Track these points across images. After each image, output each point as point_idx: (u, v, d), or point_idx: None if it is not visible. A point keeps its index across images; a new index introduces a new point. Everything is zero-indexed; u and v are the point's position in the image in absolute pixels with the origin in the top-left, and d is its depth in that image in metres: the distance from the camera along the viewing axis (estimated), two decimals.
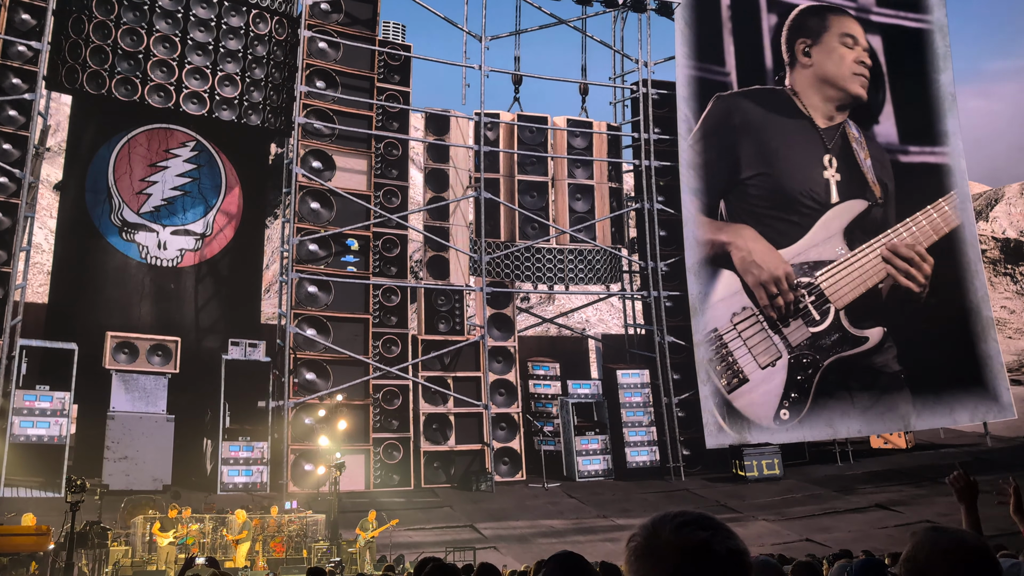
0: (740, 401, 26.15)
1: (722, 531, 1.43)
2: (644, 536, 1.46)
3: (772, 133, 28.78)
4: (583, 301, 38.70)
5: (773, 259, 27.48)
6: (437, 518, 20.24)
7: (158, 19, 22.94)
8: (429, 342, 24.89)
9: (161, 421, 20.79)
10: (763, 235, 27.65)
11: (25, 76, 20.70)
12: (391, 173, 25.56)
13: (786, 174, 28.60)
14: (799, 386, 26.85)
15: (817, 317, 27.57)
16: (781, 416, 26.35)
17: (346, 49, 24.57)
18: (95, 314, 22.40)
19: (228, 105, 23.84)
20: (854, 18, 30.87)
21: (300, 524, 16.96)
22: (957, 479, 3.43)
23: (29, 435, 19.32)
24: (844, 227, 28.82)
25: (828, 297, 27.89)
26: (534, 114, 28.12)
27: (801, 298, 27.50)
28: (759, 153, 28.32)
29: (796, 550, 15.65)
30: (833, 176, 29.08)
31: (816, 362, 27.16)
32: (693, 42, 28.17)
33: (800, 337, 27.22)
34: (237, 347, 22.28)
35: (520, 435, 25.26)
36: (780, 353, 26.86)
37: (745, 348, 26.53)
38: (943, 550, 1.88)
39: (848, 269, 28.45)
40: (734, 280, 27.05)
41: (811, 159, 29.05)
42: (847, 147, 29.64)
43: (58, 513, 15.36)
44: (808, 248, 28.14)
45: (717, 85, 28.26)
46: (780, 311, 27.15)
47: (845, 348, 27.67)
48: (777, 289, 27.19)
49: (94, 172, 23.19)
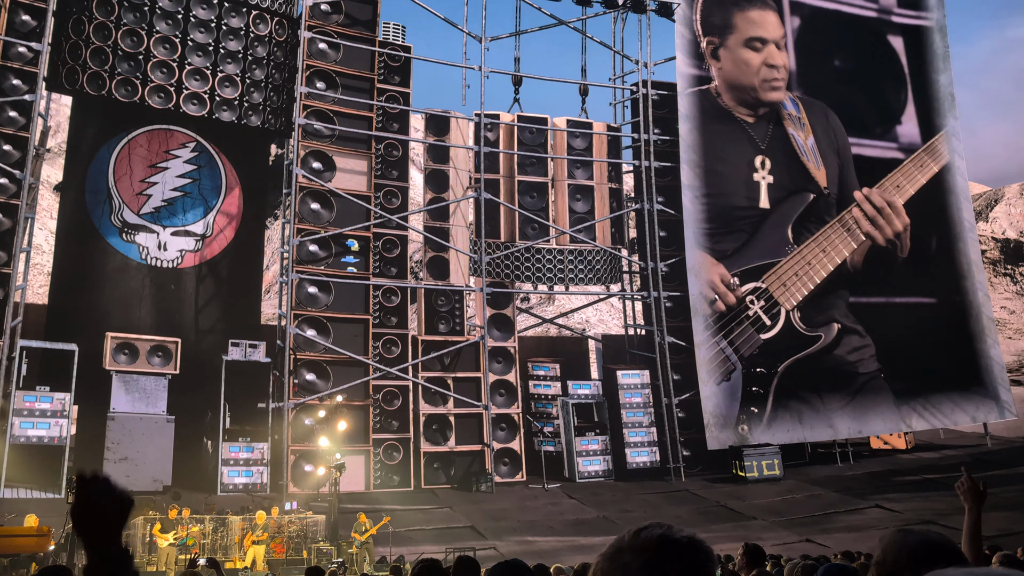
0: (708, 403, 25.87)
1: (675, 527, 1.52)
2: (607, 558, 1.53)
3: (707, 143, 27.40)
4: (583, 301, 38.71)
5: (706, 264, 26.78)
6: (437, 519, 20.24)
7: (158, 20, 22.96)
8: (429, 343, 24.90)
9: (161, 422, 20.80)
10: (712, 254, 26.86)
11: (25, 77, 20.71)
12: (391, 174, 25.57)
13: (725, 191, 27.48)
14: (756, 398, 26.32)
15: (768, 323, 26.89)
16: (740, 431, 25.94)
17: (346, 50, 24.59)
18: (95, 315, 22.41)
19: (228, 106, 23.86)
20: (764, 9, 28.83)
21: (300, 525, 16.97)
22: (964, 484, 3.47)
23: (29, 436, 19.33)
24: (790, 227, 27.88)
25: (776, 299, 27.14)
26: (534, 115, 28.13)
27: (751, 304, 26.79)
28: (698, 173, 27.09)
29: (796, 551, 15.66)
30: (765, 179, 27.89)
31: (771, 370, 26.50)
32: (693, 42, 28.17)
33: (752, 347, 26.55)
34: (237, 348, 22.29)
35: (520, 436, 25.27)
36: (734, 367, 26.30)
37: (704, 361, 26.07)
38: (910, 550, 1.93)
39: (794, 265, 27.61)
40: (693, 281, 26.51)
41: (745, 166, 27.83)
42: (782, 136, 28.32)
43: (58, 514, 15.38)
44: (753, 255, 27.28)
45: (707, 92, 28.14)
46: (723, 315, 26.51)
47: (798, 350, 27.05)
48: (715, 292, 26.56)
49: (94, 173, 23.20)
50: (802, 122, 28.78)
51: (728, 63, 28.10)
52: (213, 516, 16.67)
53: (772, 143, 28.36)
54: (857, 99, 30.32)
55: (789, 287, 27.37)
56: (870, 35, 31.19)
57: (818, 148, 28.96)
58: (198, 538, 15.72)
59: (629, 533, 1.53)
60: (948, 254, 30.46)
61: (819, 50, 30.21)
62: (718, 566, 6.56)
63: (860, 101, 30.41)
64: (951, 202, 31.01)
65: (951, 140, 31.52)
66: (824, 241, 28.22)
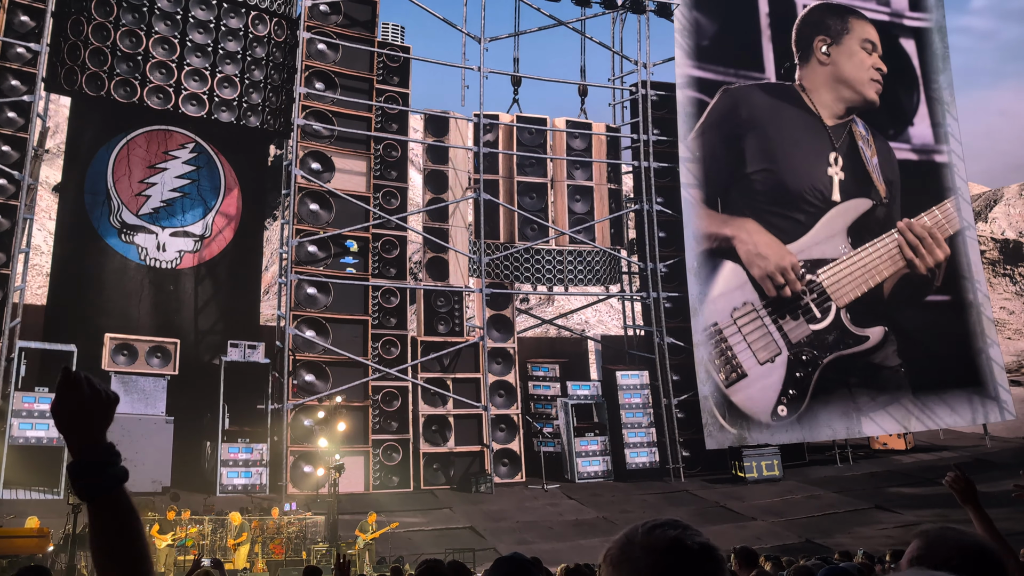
0: (738, 396, 26.14)
1: (691, 529, 1.49)
2: (618, 547, 1.52)
3: (778, 128, 28.79)
4: (582, 302, 38.72)
5: (778, 250, 27.56)
6: (436, 519, 20.23)
7: (157, 21, 22.94)
8: (428, 343, 24.89)
9: (160, 423, 20.77)
10: (770, 232, 27.72)
11: (24, 78, 20.69)
12: (390, 174, 25.56)
13: (791, 171, 28.60)
14: (798, 383, 26.84)
15: (818, 315, 27.58)
16: (779, 412, 26.35)
17: (345, 51, 24.58)
18: (94, 316, 22.39)
19: (227, 107, 23.84)
20: (871, 23, 30.93)
21: (299, 526, 16.95)
22: (955, 481, 3.42)
23: (28, 437, 19.30)
24: (848, 225, 28.85)
25: (830, 295, 27.89)
26: (533, 115, 28.12)
27: (803, 294, 27.48)
28: (764, 148, 28.34)
29: (795, 551, 15.64)
30: (837, 174, 29.07)
31: (815, 359, 27.16)
32: (692, 42, 28.20)
33: (800, 334, 27.23)
34: (236, 349, 22.27)
35: (519, 436, 25.26)
36: (780, 349, 26.87)
37: (745, 343, 26.56)
38: (959, 548, 1.86)
39: (850, 267, 28.44)
40: (734, 275, 27.00)
41: (817, 156, 29.06)
42: (853, 145, 29.67)
43: (57, 515, 15.35)
44: (811, 246, 28.17)
45: (716, 84, 28.27)
46: (786, 301, 27.19)
47: (845, 346, 27.66)
48: (784, 279, 27.27)
49: (93, 174, 23.18)
50: (869, 143, 30.03)
51: (841, 59, 29.97)
52: (212, 517, 16.65)
53: (844, 147, 29.51)
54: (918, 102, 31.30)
55: (844, 286, 28.18)
56: (883, 38, 31.64)
57: (879, 169, 30.10)
58: (196, 539, 15.70)
59: (644, 527, 1.51)
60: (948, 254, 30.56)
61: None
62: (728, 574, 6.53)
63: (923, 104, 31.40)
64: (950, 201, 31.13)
65: (949, 140, 31.59)
66: (882, 249, 29.18)
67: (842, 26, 30.43)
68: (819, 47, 29.75)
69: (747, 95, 28.47)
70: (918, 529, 2.02)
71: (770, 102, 28.76)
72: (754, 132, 28.36)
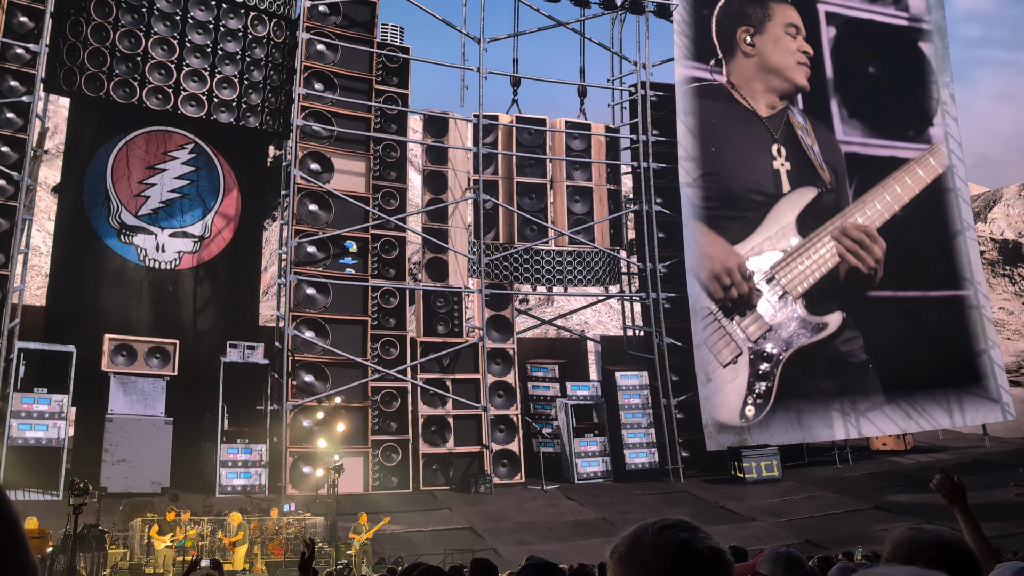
0: (708, 402, 26.08)
1: (701, 532, 1.51)
2: (627, 544, 1.53)
3: (718, 130, 28.36)
4: (582, 303, 38.72)
5: (723, 251, 27.36)
6: (436, 520, 20.22)
7: (156, 21, 22.93)
8: (428, 344, 24.88)
9: (159, 423, 20.76)
10: (717, 234, 27.50)
11: (23, 79, 20.68)
12: (389, 175, 25.56)
13: (734, 171, 28.27)
14: (762, 379, 26.77)
15: (774, 308, 27.51)
16: (747, 414, 26.26)
17: (344, 51, 24.58)
18: (93, 316, 22.37)
19: (226, 107, 23.83)
20: (791, 5, 30.33)
21: (299, 527, 16.93)
22: (941, 483, 3.44)
23: (27, 438, 19.28)
24: (796, 216, 28.68)
25: (784, 287, 27.76)
26: (532, 116, 28.13)
27: (758, 290, 27.38)
28: (706, 153, 27.93)
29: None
30: (783, 165, 28.85)
31: (777, 355, 27.04)
32: (691, 42, 28.21)
33: (759, 331, 27.12)
34: (235, 349, 22.26)
35: (519, 437, 25.25)
36: (740, 350, 26.77)
37: (706, 348, 26.46)
38: (921, 547, 1.92)
39: (802, 257, 28.28)
40: (693, 282, 26.87)
41: (758, 152, 28.75)
42: (792, 135, 29.37)
43: (56, 516, 15.35)
44: (761, 240, 28.02)
45: (715, 85, 28.30)
46: (735, 302, 27.06)
47: (805, 337, 27.54)
48: (730, 280, 27.11)
49: (92, 175, 23.16)
50: (808, 131, 29.66)
51: (766, 46, 29.60)
52: (211, 518, 16.63)
53: (784, 137, 29.24)
54: (891, 103, 31.19)
55: (796, 276, 28.02)
56: (902, 42, 32.07)
57: (821, 156, 29.72)
58: (196, 540, 15.68)
59: (654, 526, 1.52)
60: (947, 253, 30.57)
61: (854, 58, 31.02)
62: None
63: (894, 105, 31.28)
64: (950, 202, 31.15)
65: (949, 141, 31.65)
66: (827, 236, 28.86)
67: (763, 13, 29.88)
68: (743, 38, 29.28)
69: (691, 99, 28.11)
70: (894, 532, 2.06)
71: (706, 104, 28.31)
72: (696, 136, 27.89)
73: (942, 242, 30.68)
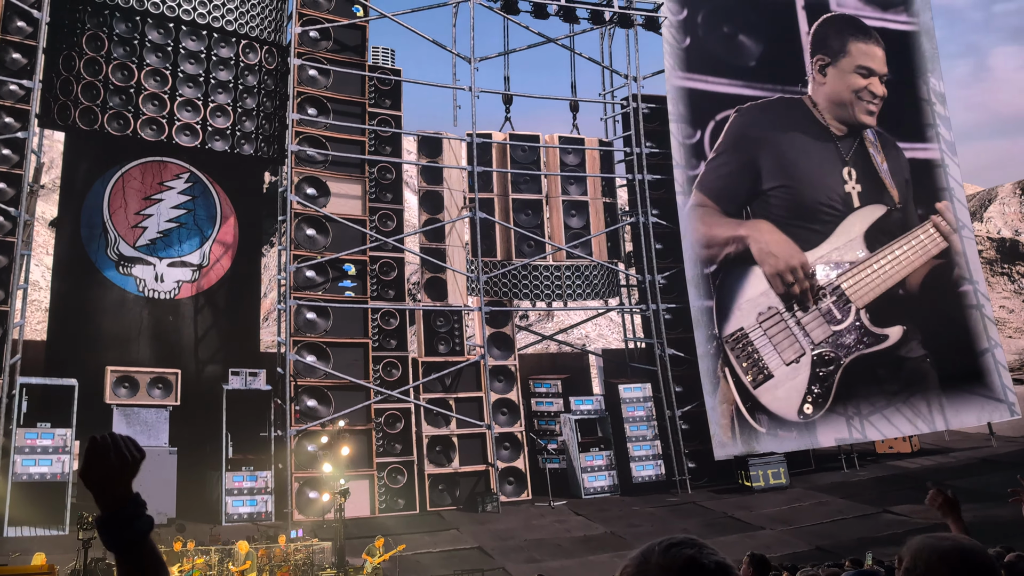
0: (766, 397, 26.50)
1: (707, 548, 1.53)
2: (635, 564, 1.55)
3: (791, 144, 29.22)
4: (582, 317, 38.71)
5: (788, 249, 28.03)
6: (444, 541, 20.12)
7: (148, 53, 23.06)
8: (429, 364, 24.85)
9: (164, 454, 20.69)
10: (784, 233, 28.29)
11: (18, 115, 20.77)
12: (385, 197, 25.62)
13: (807, 186, 29.05)
14: (821, 382, 27.25)
15: (839, 316, 28.03)
16: (804, 411, 26.74)
17: (336, 75, 24.70)
18: (94, 349, 22.36)
19: (220, 135, 23.93)
20: (877, 45, 31.37)
21: (307, 552, 16.86)
22: (935, 498, 3.44)
23: (31, 473, 19.23)
24: (864, 231, 29.40)
25: (849, 297, 28.33)
26: (526, 133, 28.23)
27: (822, 296, 27.96)
28: (778, 165, 28.76)
29: (806, 559, 15.56)
30: (854, 188, 29.68)
31: (837, 359, 27.57)
32: (681, 53, 28.36)
33: (822, 335, 27.68)
34: (237, 376, 22.24)
35: (524, 454, 25.17)
36: (803, 350, 27.31)
37: (771, 345, 26.99)
38: (941, 556, 1.89)
39: (868, 271, 28.94)
40: (761, 280, 27.50)
41: (831, 171, 29.58)
42: (864, 153, 30.21)
43: (62, 551, 15.29)
44: (830, 251, 28.72)
45: (708, 95, 28.42)
46: (797, 299, 27.65)
47: (865, 346, 28.04)
48: (793, 278, 27.75)
49: (89, 208, 23.23)
50: (879, 148, 30.61)
51: (835, 80, 30.56)
52: (219, 547, 16.56)
53: (855, 158, 30.09)
54: (909, 104, 31.81)
55: (862, 288, 28.67)
56: (902, 44, 32.38)
57: (890, 174, 30.63)
58: (203, 570, 15.61)
59: (660, 546, 1.54)
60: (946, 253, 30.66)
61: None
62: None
63: (912, 106, 31.92)
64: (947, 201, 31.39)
65: (942, 141, 31.80)
66: (897, 250, 29.72)
67: (840, 46, 30.91)
68: (818, 66, 30.40)
69: (757, 113, 28.87)
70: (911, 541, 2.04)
71: (781, 119, 29.26)
72: (767, 150, 28.75)
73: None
